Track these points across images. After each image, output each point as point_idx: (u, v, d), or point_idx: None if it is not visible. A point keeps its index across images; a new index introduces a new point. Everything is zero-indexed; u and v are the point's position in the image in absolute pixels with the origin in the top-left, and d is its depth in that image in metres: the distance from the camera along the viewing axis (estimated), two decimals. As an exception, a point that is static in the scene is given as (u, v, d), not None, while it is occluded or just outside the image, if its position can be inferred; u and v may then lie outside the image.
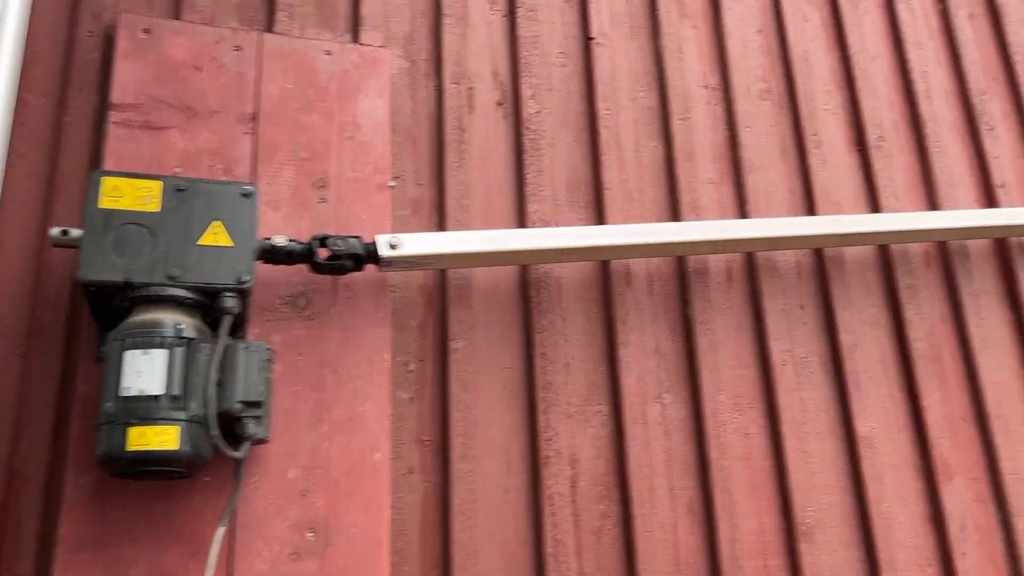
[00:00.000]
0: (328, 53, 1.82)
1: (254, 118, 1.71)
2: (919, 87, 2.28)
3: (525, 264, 1.81)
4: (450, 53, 1.95)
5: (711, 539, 1.74)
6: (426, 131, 1.88)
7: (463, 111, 1.92)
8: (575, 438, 1.74)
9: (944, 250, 2.12)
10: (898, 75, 2.30)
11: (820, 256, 2.03)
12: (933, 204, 2.18)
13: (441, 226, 1.81)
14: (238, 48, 1.75)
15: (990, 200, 2.23)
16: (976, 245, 2.15)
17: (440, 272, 1.76)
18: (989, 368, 2.04)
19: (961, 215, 2.11)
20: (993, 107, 2.33)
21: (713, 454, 1.80)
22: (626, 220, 1.93)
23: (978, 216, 2.11)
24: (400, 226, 1.78)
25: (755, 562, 1.74)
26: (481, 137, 1.91)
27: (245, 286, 1.41)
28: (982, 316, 2.09)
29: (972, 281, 2.12)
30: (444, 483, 1.64)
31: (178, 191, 1.44)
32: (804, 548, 1.77)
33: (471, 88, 1.94)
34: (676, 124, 2.05)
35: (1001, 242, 2.16)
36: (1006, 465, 1.96)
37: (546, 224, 1.88)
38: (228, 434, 1.39)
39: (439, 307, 1.75)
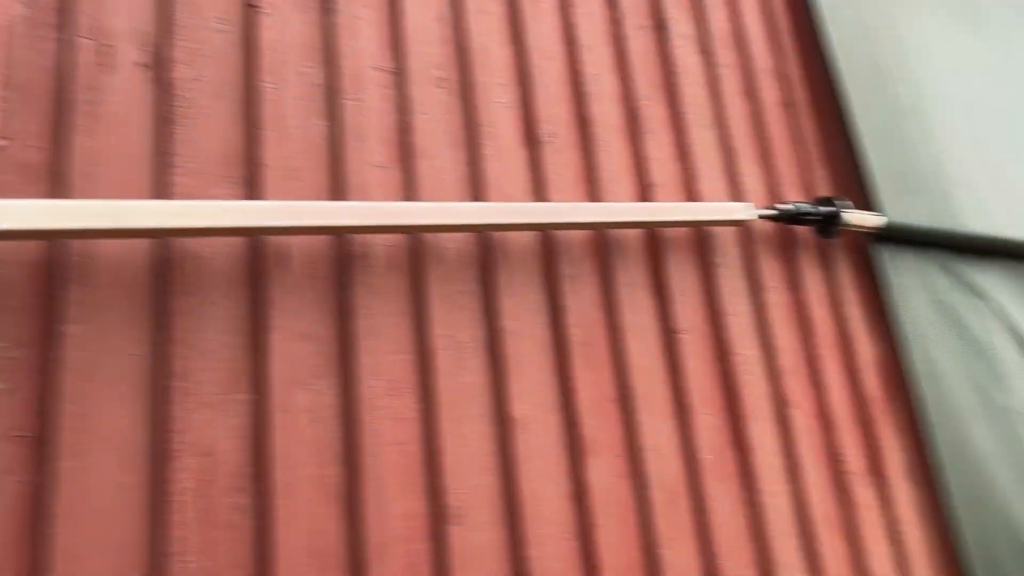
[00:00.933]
0: (-84, -13, 1.55)
1: None
2: (589, 89, 2.42)
3: (146, 240, 1.65)
4: (84, 5, 1.74)
5: (357, 526, 1.70)
6: (48, 89, 1.67)
7: (97, 70, 1.72)
8: (212, 429, 1.63)
9: (603, 242, 2.26)
10: (571, 75, 2.41)
11: (486, 243, 2.07)
12: (596, 199, 2.32)
13: (62, 195, 1.61)
14: None
15: (646, 197, 2.41)
16: (631, 238, 2.31)
17: (54, 244, 1.57)
18: (636, 353, 2.20)
19: (617, 207, 2.26)
20: (654, 112, 2.53)
21: (365, 440, 1.76)
22: (285, 199, 1.85)
23: (633, 209, 2.28)
24: (7, 192, 1.56)
25: (402, 547, 1.73)
26: (118, 100, 1.73)
27: None
28: (634, 305, 2.25)
29: (627, 272, 2.27)
30: (45, 483, 1.46)
31: None
32: (454, 530, 1.79)
33: (109, 46, 1.75)
34: (346, 104, 2.00)
35: (652, 236, 2.34)
36: (647, 442, 2.12)
37: (193, 199, 1.74)
38: None
39: (51, 286, 1.56)
